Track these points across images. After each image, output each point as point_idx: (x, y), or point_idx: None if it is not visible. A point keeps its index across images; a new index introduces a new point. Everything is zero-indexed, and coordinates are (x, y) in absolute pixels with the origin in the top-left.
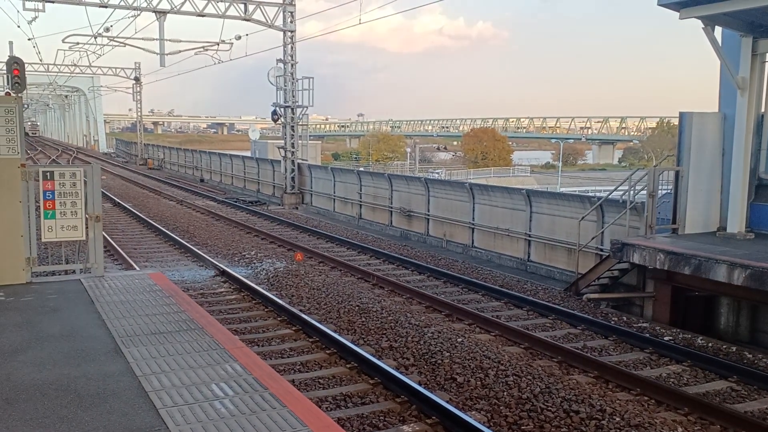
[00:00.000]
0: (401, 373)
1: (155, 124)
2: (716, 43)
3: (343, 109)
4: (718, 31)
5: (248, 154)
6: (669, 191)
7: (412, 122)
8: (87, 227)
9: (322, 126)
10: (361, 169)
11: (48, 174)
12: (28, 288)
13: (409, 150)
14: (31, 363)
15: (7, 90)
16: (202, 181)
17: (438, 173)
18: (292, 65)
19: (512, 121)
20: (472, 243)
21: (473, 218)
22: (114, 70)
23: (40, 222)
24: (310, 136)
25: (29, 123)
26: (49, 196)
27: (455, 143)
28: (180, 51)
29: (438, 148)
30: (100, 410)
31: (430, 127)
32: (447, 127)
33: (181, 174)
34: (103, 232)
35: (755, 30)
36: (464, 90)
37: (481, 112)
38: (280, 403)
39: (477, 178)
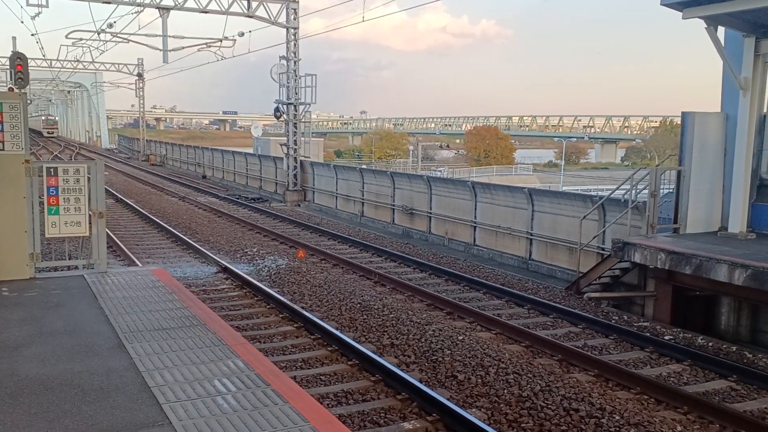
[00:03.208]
0: (402, 370)
1: (157, 120)
2: (719, 44)
3: (346, 106)
4: (720, 31)
5: (250, 150)
6: (671, 191)
7: (415, 120)
8: (90, 223)
9: (325, 123)
10: (364, 166)
11: (52, 170)
12: (31, 283)
13: (411, 148)
14: (35, 358)
15: (11, 86)
16: (204, 177)
17: (440, 171)
18: (295, 62)
19: (515, 120)
20: (474, 241)
21: (475, 216)
22: (117, 66)
23: (43, 218)
24: (312, 133)
25: (43, 117)
26: (53, 192)
27: (458, 141)
28: (183, 47)
29: (441, 146)
30: (104, 405)
31: (432, 125)
32: (449, 125)
33: (184, 170)
34: (106, 228)
35: (758, 30)
36: (467, 88)
37: (483, 110)
38: (282, 399)
39: (479, 176)
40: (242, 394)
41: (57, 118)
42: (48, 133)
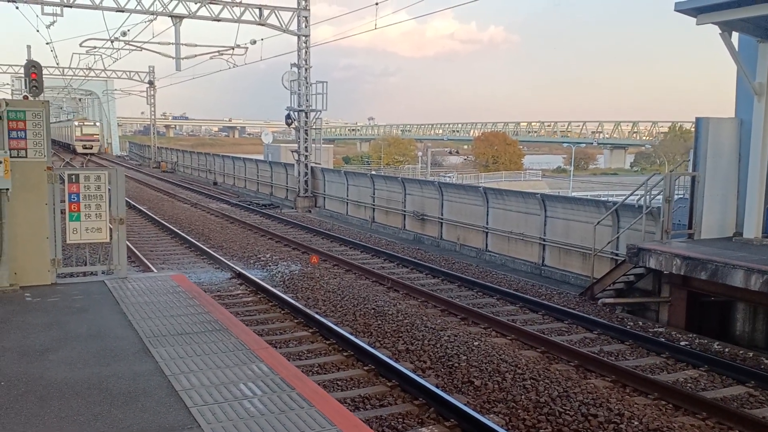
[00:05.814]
0: (419, 375)
1: (167, 127)
2: (733, 49)
3: (354, 113)
4: (735, 36)
5: (260, 157)
6: (685, 196)
7: (423, 126)
8: (111, 230)
9: (333, 129)
10: (373, 172)
11: (74, 177)
12: (53, 289)
13: (420, 154)
14: (62, 362)
15: (25, 93)
16: (215, 184)
17: (450, 177)
18: (306, 69)
19: (523, 125)
20: (486, 247)
21: (487, 222)
22: (128, 73)
23: (65, 224)
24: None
25: (76, 123)
26: (74, 199)
27: (465, 147)
28: (196, 55)
29: (450, 152)
30: (133, 408)
31: (440, 131)
32: (457, 131)
33: (194, 177)
34: None
35: None
36: (475, 94)
37: (491, 116)
38: (308, 403)
39: (488, 182)
40: (268, 397)
41: (99, 124)
42: (84, 147)
